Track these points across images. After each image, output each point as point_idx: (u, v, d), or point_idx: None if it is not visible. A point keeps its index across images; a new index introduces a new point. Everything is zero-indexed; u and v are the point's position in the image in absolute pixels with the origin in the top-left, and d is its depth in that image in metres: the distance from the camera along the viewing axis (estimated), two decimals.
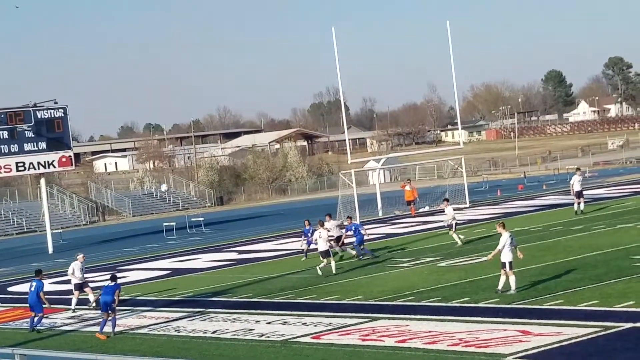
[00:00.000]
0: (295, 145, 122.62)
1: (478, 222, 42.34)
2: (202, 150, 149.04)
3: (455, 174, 59.92)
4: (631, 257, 25.93)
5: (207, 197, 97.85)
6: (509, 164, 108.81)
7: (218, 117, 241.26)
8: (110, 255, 46.86)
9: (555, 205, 47.27)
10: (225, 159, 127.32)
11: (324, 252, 29.65)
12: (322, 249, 29.69)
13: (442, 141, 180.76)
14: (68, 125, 55.93)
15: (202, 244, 47.80)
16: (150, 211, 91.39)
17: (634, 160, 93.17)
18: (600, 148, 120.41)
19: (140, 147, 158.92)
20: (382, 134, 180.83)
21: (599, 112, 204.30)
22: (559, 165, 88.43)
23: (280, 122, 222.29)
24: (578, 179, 40.24)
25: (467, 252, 30.90)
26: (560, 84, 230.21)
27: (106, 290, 23.41)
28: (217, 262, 37.65)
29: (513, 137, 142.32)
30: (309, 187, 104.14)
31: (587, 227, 34.86)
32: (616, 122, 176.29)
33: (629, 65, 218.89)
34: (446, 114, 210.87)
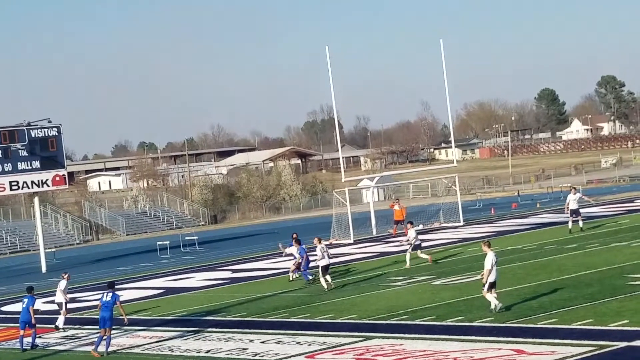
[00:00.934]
0: (289, 163, 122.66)
1: (472, 240, 42.29)
2: (196, 168, 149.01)
3: (449, 192, 59.86)
4: (625, 275, 25.92)
5: (201, 215, 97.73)
6: (502, 182, 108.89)
7: (212, 136, 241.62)
8: (104, 274, 46.71)
9: (549, 223, 47.27)
10: (219, 178, 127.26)
11: (325, 267, 30.14)
12: (324, 264, 30.17)
13: (435, 159, 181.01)
14: (62, 144, 55.91)
15: (195, 262, 47.69)
16: (144, 230, 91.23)
17: (627, 178, 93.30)
18: (594, 166, 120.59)
19: (134, 166, 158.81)
20: (375, 152, 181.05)
21: (592, 131, 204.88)
22: (553, 184, 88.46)
23: (274, 140, 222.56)
24: (574, 198, 40.22)
25: (461, 271, 30.87)
26: (554, 102, 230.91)
27: (105, 305, 23.03)
28: (210, 281, 37.55)
29: (506, 156, 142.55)
30: (303, 206, 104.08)
31: (581, 245, 34.86)
32: (609, 140, 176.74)
33: (622, 84, 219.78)
34: (440, 132, 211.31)
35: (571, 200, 40.09)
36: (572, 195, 40.43)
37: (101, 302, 23.30)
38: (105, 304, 23.03)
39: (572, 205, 39.92)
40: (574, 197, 40.34)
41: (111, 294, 23.12)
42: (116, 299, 23.06)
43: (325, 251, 30.58)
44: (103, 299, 23.21)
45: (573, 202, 39.97)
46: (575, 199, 40.23)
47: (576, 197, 40.44)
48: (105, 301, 23.09)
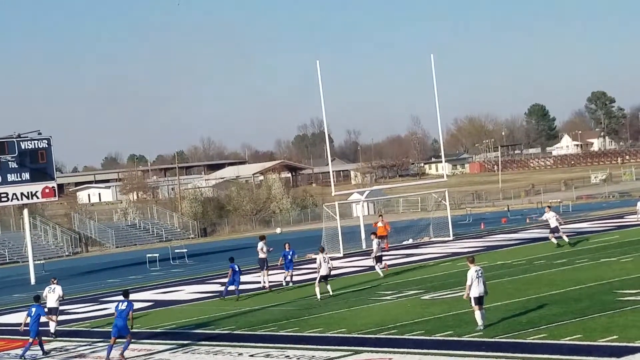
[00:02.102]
0: (279, 177, 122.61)
1: (462, 255, 42.30)
2: (186, 181, 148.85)
3: (439, 207, 59.96)
4: (614, 291, 25.97)
5: (191, 228, 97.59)
6: (492, 197, 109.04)
7: (202, 149, 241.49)
8: (93, 286, 46.58)
9: (538, 238, 47.34)
10: (209, 191, 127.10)
11: (324, 276, 31.09)
12: (323, 273, 31.11)
13: (425, 174, 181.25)
14: (52, 156, 55.78)
15: (185, 275, 47.60)
16: (134, 242, 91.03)
17: (616, 194, 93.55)
18: (584, 182, 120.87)
19: (124, 178, 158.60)
20: (366, 166, 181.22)
21: (582, 146, 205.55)
22: (542, 199, 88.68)
23: (264, 153, 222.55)
24: (552, 215, 40.87)
25: (450, 285, 30.87)
26: (544, 118, 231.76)
27: (120, 313, 23.21)
28: (200, 294, 37.48)
29: (496, 171, 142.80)
30: (293, 219, 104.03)
31: (571, 260, 34.93)
32: (599, 156, 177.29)
33: (612, 100, 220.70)
34: (430, 147, 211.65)
35: (550, 217, 40.75)
36: (547, 214, 41.13)
37: (116, 311, 23.51)
38: (120, 313, 23.22)
39: (553, 223, 40.63)
40: (553, 214, 41.06)
41: (126, 302, 23.35)
42: (130, 308, 23.25)
43: (326, 261, 31.33)
44: (118, 308, 23.43)
45: (553, 219, 40.65)
46: (554, 216, 40.90)
47: (551, 214, 41.06)
48: (120, 310, 23.30)
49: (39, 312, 25.19)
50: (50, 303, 28.53)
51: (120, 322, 22.99)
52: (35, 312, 25.16)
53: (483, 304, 22.23)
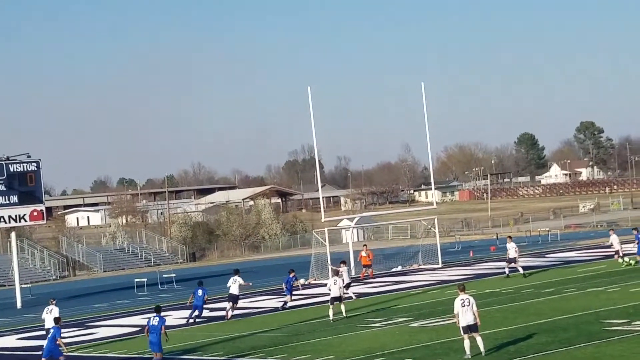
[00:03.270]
0: (269, 202, 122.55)
1: (450, 282, 42.35)
2: (176, 205, 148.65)
3: (428, 234, 60.01)
4: (601, 321, 26.04)
5: (180, 253, 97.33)
6: (481, 225, 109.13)
7: (192, 173, 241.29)
8: (80, 310, 46.36)
9: (527, 267, 47.37)
10: (199, 215, 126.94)
11: (335, 298, 31.82)
12: (335, 295, 31.85)
13: (415, 201, 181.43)
14: (41, 179, 55.63)
15: (173, 300, 47.42)
16: (122, 267, 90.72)
17: (604, 223, 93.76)
18: (572, 211, 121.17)
19: (113, 202, 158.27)
20: (356, 192, 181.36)
21: (570, 175, 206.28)
22: (531, 227, 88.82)
23: (254, 179, 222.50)
24: (513, 246, 42.27)
25: (439, 313, 30.89)
26: (533, 147, 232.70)
27: (153, 329, 23.44)
28: (164, 316, 37.29)
29: (486, 198, 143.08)
30: (282, 245, 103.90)
31: (558, 290, 35.01)
32: (587, 185, 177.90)
33: (600, 130, 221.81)
34: (420, 174, 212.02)
35: (511, 249, 42.16)
36: (508, 244, 42.62)
37: (149, 326, 23.80)
38: (152, 328, 23.48)
39: (512, 254, 42.06)
40: (510, 245, 42.42)
41: (158, 318, 23.67)
42: (163, 323, 23.51)
43: (336, 283, 32.18)
44: (150, 323, 23.75)
45: (512, 251, 42.06)
46: (514, 248, 42.27)
47: (512, 245, 42.42)
48: (152, 325, 23.58)
49: (55, 334, 25.34)
50: (48, 324, 28.82)
51: (154, 338, 23.30)
52: (52, 334, 25.38)
53: (475, 331, 22.20)
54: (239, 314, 37.13)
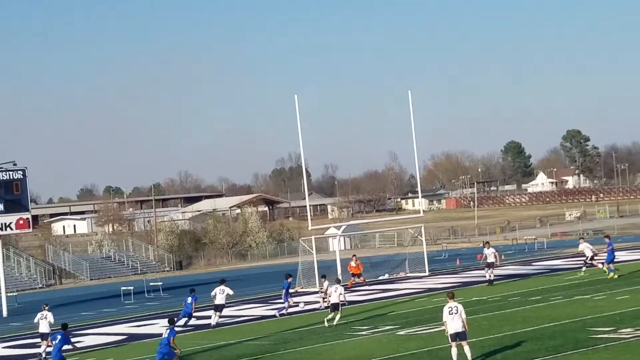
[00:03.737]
0: (256, 210, 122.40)
1: (437, 290, 42.41)
2: (163, 214, 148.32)
3: (415, 242, 60.11)
4: (588, 328, 26.13)
5: (166, 261, 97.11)
6: (468, 233, 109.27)
7: (179, 181, 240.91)
8: (66, 319, 46.06)
9: (513, 275, 47.54)
10: (186, 223, 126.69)
11: (335, 304, 32.38)
12: (334, 301, 32.46)
13: (402, 209, 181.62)
14: (27, 187, 55.45)
15: (160, 308, 47.32)
16: (108, 275, 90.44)
17: (590, 232, 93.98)
18: (558, 219, 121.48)
19: (99, 210, 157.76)
20: (343, 200, 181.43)
21: (556, 184, 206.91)
22: (518, 236, 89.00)
23: (241, 187, 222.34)
24: (492, 252, 43.18)
25: (425, 321, 30.93)
26: (519, 155, 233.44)
27: (162, 341, 24.19)
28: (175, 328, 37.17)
29: (472, 207, 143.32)
30: (269, 253, 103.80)
31: (545, 297, 35.11)
32: (574, 193, 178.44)
33: (587, 139, 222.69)
34: (407, 182, 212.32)
35: (488, 254, 43.05)
36: (487, 250, 43.42)
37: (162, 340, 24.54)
38: (162, 340, 24.21)
39: (490, 259, 43.02)
40: (489, 251, 43.23)
41: (169, 330, 24.23)
42: (172, 335, 24.07)
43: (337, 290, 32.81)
44: (163, 335, 24.40)
45: (490, 256, 43.00)
46: (490, 254, 43.11)
47: (490, 251, 43.31)
48: (164, 337, 24.23)
49: (63, 340, 25.88)
50: (42, 329, 29.55)
51: (164, 349, 23.90)
52: (60, 340, 25.92)
53: (463, 339, 22.23)
54: (226, 322, 37.10)
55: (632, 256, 53.89)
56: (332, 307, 32.62)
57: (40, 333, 29.31)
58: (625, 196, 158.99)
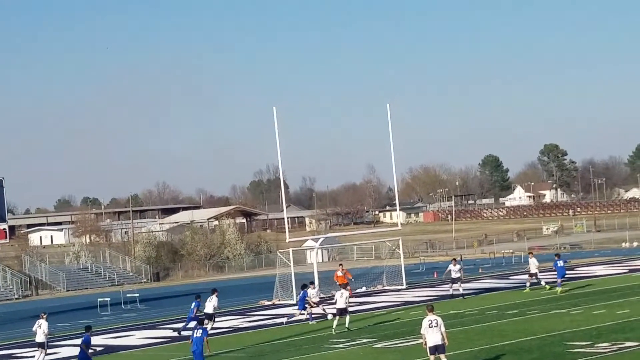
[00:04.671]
0: (233, 222, 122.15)
1: (414, 303, 42.47)
2: (140, 225, 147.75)
3: (393, 255, 60.11)
4: (565, 342, 26.22)
5: (144, 272, 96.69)
6: (445, 246, 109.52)
7: (157, 193, 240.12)
8: None
9: (490, 289, 47.68)
10: (163, 235, 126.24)
11: (342, 309, 33.55)
12: (340, 306, 33.61)
13: (380, 222, 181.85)
14: (4, 197, 55.22)
15: (136, 320, 47.10)
16: (85, 286, 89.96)
17: (567, 246, 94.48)
18: (535, 233, 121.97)
19: (77, 221, 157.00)
20: (321, 213, 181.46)
21: (534, 198, 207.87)
22: (495, 249, 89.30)
23: (219, 199, 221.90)
24: (454, 268, 43.73)
25: (403, 334, 30.94)
26: (497, 169, 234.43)
27: (196, 341, 24.57)
28: (151, 340, 37.09)
29: (450, 220, 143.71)
30: (247, 265, 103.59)
31: (522, 311, 35.21)
32: (551, 207, 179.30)
33: (564, 153, 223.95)
34: (385, 195, 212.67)
35: (453, 270, 43.69)
36: (452, 266, 43.97)
37: (192, 338, 24.95)
38: (195, 340, 24.57)
39: (454, 275, 43.67)
40: (455, 267, 43.83)
41: (201, 330, 24.73)
42: (205, 335, 24.61)
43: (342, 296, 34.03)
44: (194, 335, 24.80)
45: (454, 272, 43.65)
46: (456, 269, 43.71)
47: (456, 267, 43.94)
48: (196, 337, 24.62)
49: (85, 342, 26.55)
50: (38, 338, 30.06)
51: (197, 349, 24.44)
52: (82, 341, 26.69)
53: (442, 352, 22.24)
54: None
55: (609, 271, 54.14)
56: (339, 312, 33.68)
57: (36, 342, 29.90)
58: (602, 210, 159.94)
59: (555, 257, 45.70)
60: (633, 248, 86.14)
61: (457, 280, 43.74)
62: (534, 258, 45.73)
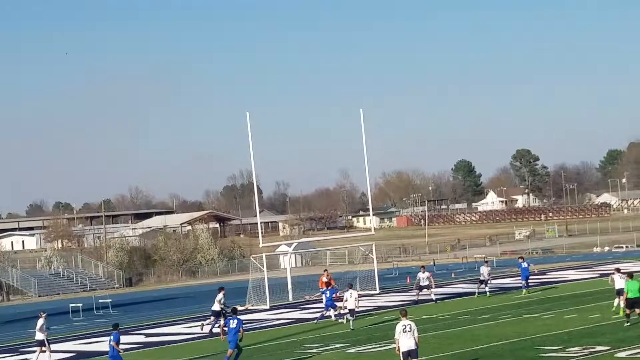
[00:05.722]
0: (207, 227, 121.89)
1: (387, 308, 42.56)
2: (113, 230, 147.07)
3: (366, 260, 60.15)
4: (536, 347, 26.37)
5: (116, 278, 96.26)
6: (419, 251, 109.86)
7: (130, 198, 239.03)
8: (13, 336, 45.52)
9: (463, 293, 47.87)
10: (136, 240, 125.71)
11: (352, 310, 35.31)
12: (350, 307, 35.37)
13: (353, 227, 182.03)
14: None
15: (108, 326, 46.78)
16: (57, 291, 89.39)
17: (539, 250, 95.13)
18: (508, 238, 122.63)
19: (48, 226, 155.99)
20: (294, 218, 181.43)
21: (506, 203, 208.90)
22: (468, 254, 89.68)
23: (192, 203, 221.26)
24: (423, 276, 44.14)
25: (376, 339, 30.99)
26: (470, 174, 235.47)
27: (231, 331, 25.95)
28: (123, 345, 36.82)
29: (423, 225, 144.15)
30: (220, 270, 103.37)
31: (494, 316, 35.38)
32: (523, 212, 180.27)
33: (536, 158, 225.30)
34: (358, 200, 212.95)
35: (421, 278, 44.09)
36: (421, 274, 44.34)
37: (228, 327, 26.51)
38: (231, 330, 25.99)
39: (422, 282, 44.11)
40: (423, 275, 44.24)
41: (236, 320, 26.03)
42: (240, 325, 25.93)
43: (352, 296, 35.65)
44: (230, 326, 26.20)
45: (423, 280, 44.03)
46: (424, 277, 44.14)
47: (425, 275, 44.35)
48: (231, 328, 26.02)
49: (115, 339, 27.18)
50: (37, 336, 31.37)
51: (232, 337, 25.81)
52: (113, 339, 27.16)
53: (415, 357, 22.30)
54: (174, 340, 36.85)
55: (580, 275, 54.52)
56: (351, 312, 35.37)
57: (36, 340, 31.60)
58: (574, 215, 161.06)
59: (519, 259, 47.17)
60: (604, 253, 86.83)
61: (426, 287, 44.02)
62: (488, 266, 46.51)
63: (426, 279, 44.17)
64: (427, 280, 44.14)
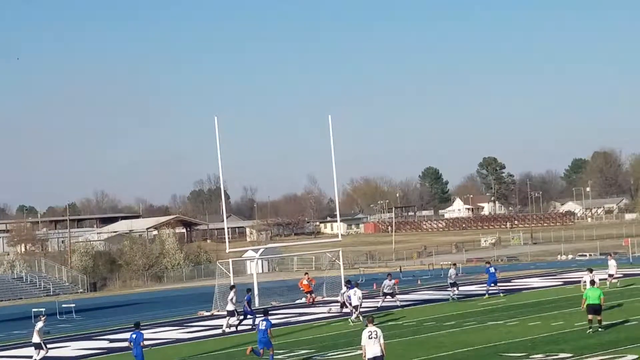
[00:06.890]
0: (173, 232, 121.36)
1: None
2: (78, 234, 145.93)
3: (333, 266, 60.16)
4: (501, 354, 26.46)
5: (80, 282, 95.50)
6: (385, 257, 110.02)
7: (95, 201, 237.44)
8: None
9: (429, 300, 47.97)
10: (101, 244, 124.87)
11: (357, 306, 37.87)
12: (355, 303, 38.01)
13: (321, 233, 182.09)
14: None
15: (71, 331, 46.42)
16: (19, 296, 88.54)
17: (505, 258, 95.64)
18: (474, 245, 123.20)
19: (12, 230, 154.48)
20: (261, 223, 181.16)
21: (473, 210, 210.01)
22: (434, 261, 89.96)
23: (159, 208, 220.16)
24: (390, 283, 44.57)
25: (342, 345, 30.95)
26: (437, 181, 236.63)
27: (261, 332, 26.48)
28: (86, 351, 36.58)
29: (390, 231, 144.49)
30: (186, 275, 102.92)
31: (459, 323, 35.47)
32: (489, 220, 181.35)
33: (502, 166, 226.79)
34: (326, 206, 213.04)
35: (385, 286, 44.50)
36: (387, 282, 44.72)
37: (257, 329, 26.95)
38: (260, 331, 26.47)
39: (386, 290, 44.42)
40: (389, 283, 44.62)
41: (266, 321, 26.45)
42: (269, 326, 26.40)
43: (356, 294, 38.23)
44: (259, 327, 26.63)
45: (387, 288, 44.40)
46: (390, 284, 44.58)
47: (391, 283, 44.77)
48: (261, 329, 26.46)
49: (139, 338, 26.73)
50: (34, 339, 31.22)
51: (263, 338, 26.27)
52: (136, 339, 26.76)
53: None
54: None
55: (544, 283, 54.84)
56: (356, 309, 37.80)
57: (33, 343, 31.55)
58: (539, 223, 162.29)
59: (486, 264, 48.30)
60: (568, 260, 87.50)
61: (390, 294, 44.28)
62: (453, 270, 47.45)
63: (391, 287, 44.36)
64: (391, 288, 44.34)
